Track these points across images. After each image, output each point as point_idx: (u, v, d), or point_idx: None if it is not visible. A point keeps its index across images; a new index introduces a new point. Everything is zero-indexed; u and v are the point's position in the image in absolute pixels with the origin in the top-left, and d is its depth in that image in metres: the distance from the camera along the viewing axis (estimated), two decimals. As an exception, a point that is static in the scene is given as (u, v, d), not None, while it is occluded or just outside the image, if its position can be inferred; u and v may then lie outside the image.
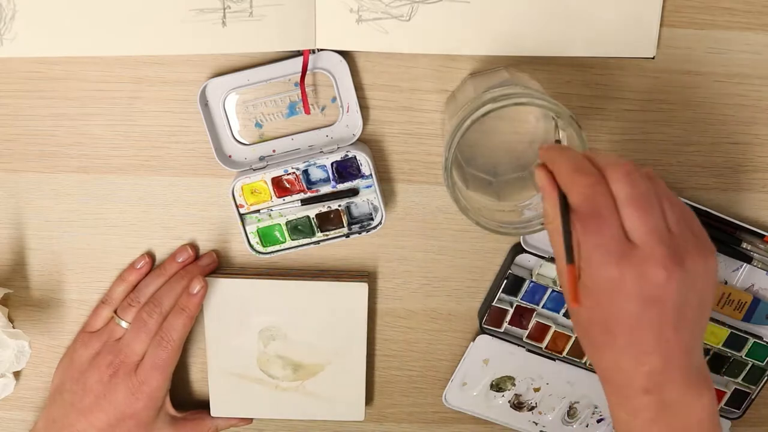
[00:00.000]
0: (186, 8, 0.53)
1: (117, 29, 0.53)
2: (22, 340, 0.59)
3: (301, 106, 0.57)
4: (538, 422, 0.67)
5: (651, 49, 0.54)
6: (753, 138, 0.58)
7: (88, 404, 0.58)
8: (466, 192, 0.51)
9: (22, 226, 0.61)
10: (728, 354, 0.63)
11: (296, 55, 0.54)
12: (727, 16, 0.54)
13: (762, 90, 0.57)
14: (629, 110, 0.57)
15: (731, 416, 0.66)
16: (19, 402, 0.66)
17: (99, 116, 0.57)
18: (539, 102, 0.44)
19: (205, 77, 0.56)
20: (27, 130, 0.58)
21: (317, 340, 0.62)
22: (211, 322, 0.62)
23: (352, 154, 0.56)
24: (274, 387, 0.64)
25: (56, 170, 0.59)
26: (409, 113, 0.57)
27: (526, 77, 0.52)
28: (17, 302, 0.63)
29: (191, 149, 0.58)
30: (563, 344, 0.63)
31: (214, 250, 0.62)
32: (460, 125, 0.45)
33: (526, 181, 0.54)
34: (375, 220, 0.59)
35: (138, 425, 0.59)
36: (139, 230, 0.61)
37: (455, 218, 0.61)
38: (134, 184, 0.60)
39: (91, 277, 0.62)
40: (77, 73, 0.56)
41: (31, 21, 0.53)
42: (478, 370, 0.64)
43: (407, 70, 0.56)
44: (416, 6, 0.53)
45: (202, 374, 0.66)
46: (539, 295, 0.61)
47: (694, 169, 0.59)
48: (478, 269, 0.62)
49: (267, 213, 0.59)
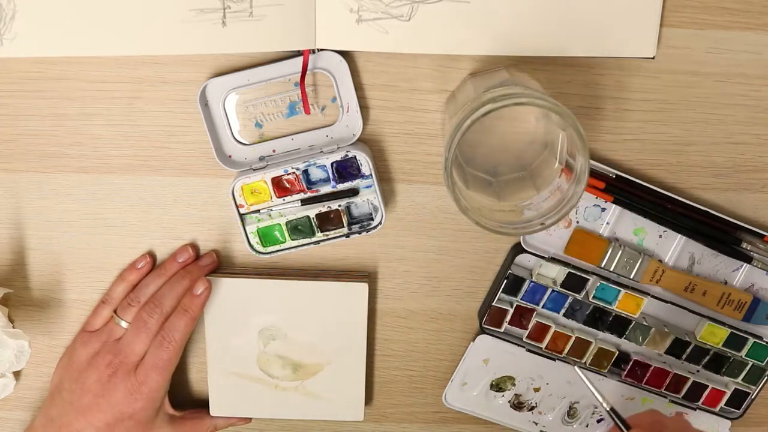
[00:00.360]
0: (186, 8, 0.53)
1: (117, 29, 0.53)
2: (22, 340, 0.59)
3: (301, 106, 0.56)
4: (538, 422, 0.67)
5: (651, 49, 0.54)
6: (753, 138, 0.58)
7: (86, 403, 0.58)
8: (466, 192, 0.51)
9: (22, 226, 0.61)
10: (728, 354, 0.63)
11: (296, 55, 0.54)
12: (727, 16, 0.54)
13: (762, 90, 0.57)
14: (629, 110, 0.57)
15: (731, 416, 0.66)
16: (19, 402, 0.66)
17: (99, 116, 0.57)
18: (539, 102, 0.44)
19: (205, 77, 0.56)
20: (27, 130, 0.58)
21: (317, 339, 0.62)
22: (211, 321, 0.62)
23: (352, 154, 0.56)
24: (274, 387, 0.64)
25: (56, 170, 0.59)
26: (409, 113, 0.57)
27: (526, 77, 0.52)
28: (17, 302, 0.63)
29: (191, 149, 0.58)
30: (563, 344, 0.63)
31: (214, 250, 0.62)
32: (460, 125, 0.45)
33: (526, 181, 0.54)
34: (375, 220, 0.59)
35: (137, 425, 0.59)
36: (139, 230, 0.61)
37: (455, 218, 0.61)
38: (134, 184, 0.60)
39: (91, 277, 0.62)
40: (77, 73, 0.56)
41: (31, 21, 0.53)
42: (478, 370, 0.64)
43: (407, 70, 0.56)
44: (416, 6, 0.53)
45: (201, 374, 0.66)
46: (539, 295, 0.61)
47: (694, 169, 0.59)
48: (478, 269, 0.62)
49: (267, 213, 0.59)
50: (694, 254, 0.61)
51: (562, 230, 0.60)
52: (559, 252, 0.60)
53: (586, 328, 0.63)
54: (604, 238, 0.60)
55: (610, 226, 0.59)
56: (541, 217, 0.49)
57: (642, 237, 0.60)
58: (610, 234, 0.60)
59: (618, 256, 0.59)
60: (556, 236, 0.60)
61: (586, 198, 0.58)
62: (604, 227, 0.60)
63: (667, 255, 0.60)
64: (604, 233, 0.60)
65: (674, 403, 0.65)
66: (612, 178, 0.58)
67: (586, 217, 0.59)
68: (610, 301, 0.61)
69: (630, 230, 0.60)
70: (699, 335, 0.63)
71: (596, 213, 0.59)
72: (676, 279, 0.60)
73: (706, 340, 0.63)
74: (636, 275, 0.60)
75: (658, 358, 0.64)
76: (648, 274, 0.60)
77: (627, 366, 0.64)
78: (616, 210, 0.59)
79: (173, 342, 0.58)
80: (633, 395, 0.65)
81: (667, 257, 0.60)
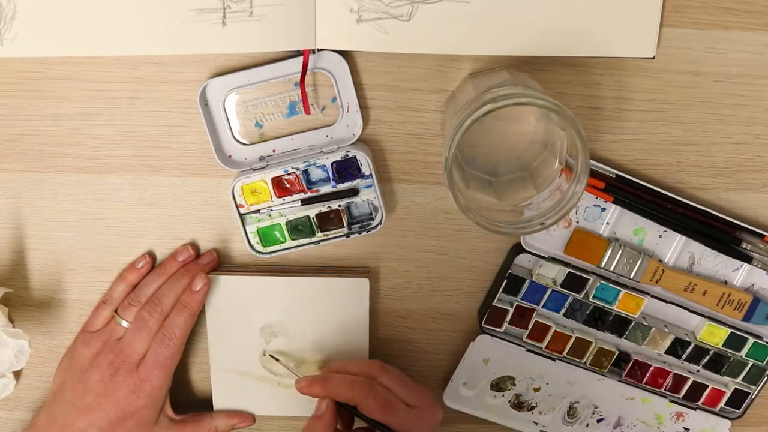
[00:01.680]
0: (186, 8, 0.53)
1: (117, 29, 0.53)
2: (22, 340, 0.59)
3: (301, 106, 0.57)
4: (538, 422, 0.67)
5: (651, 49, 0.54)
6: (753, 138, 0.58)
7: (89, 403, 0.58)
8: (466, 192, 0.51)
9: (22, 226, 0.61)
10: (728, 354, 0.63)
11: (296, 55, 0.54)
12: (727, 16, 0.54)
13: (762, 90, 0.57)
14: (629, 110, 0.57)
15: (731, 416, 0.66)
16: (19, 402, 0.66)
17: (99, 116, 0.57)
18: (539, 102, 0.44)
19: (205, 77, 0.56)
20: (27, 130, 0.58)
21: (319, 336, 0.62)
22: (212, 319, 0.62)
23: (352, 154, 0.56)
24: (277, 384, 0.64)
25: (56, 170, 0.59)
26: (409, 113, 0.57)
27: (526, 77, 0.52)
28: (17, 302, 0.63)
29: (191, 149, 0.58)
30: (563, 344, 0.63)
31: (214, 249, 0.62)
32: (460, 125, 0.45)
33: (526, 181, 0.54)
34: (375, 220, 0.59)
35: (138, 424, 0.59)
36: (139, 230, 0.61)
37: (455, 218, 0.61)
38: (134, 184, 0.60)
39: (91, 277, 0.63)
40: (77, 73, 0.56)
41: (31, 21, 0.53)
42: (478, 370, 0.64)
43: (407, 70, 0.56)
44: (416, 6, 0.53)
45: (202, 374, 0.66)
46: (539, 295, 0.61)
47: (694, 169, 0.59)
48: (478, 269, 0.62)
49: (267, 213, 0.59)
50: (694, 254, 0.61)
51: (562, 230, 0.60)
52: (559, 252, 0.60)
53: (586, 328, 0.63)
54: (604, 238, 0.60)
55: (610, 226, 0.59)
56: (541, 217, 0.49)
57: (642, 237, 0.60)
58: (610, 234, 0.60)
59: (618, 256, 0.59)
60: (556, 236, 0.60)
61: (586, 198, 0.58)
62: (604, 227, 0.60)
63: (667, 255, 0.60)
64: (604, 233, 0.60)
65: (674, 403, 0.65)
66: (612, 178, 0.58)
67: (586, 217, 0.59)
68: (610, 301, 0.61)
69: (630, 230, 0.60)
70: (699, 335, 0.63)
71: (596, 213, 0.59)
72: (676, 279, 0.60)
73: (706, 340, 0.63)
74: (636, 275, 0.60)
75: (658, 358, 0.64)
76: (648, 274, 0.60)
77: (627, 366, 0.64)
78: (616, 210, 0.59)
79: (174, 339, 0.58)
80: (633, 395, 0.65)
81: (667, 257, 0.60)
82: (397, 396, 0.55)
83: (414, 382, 0.58)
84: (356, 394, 0.54)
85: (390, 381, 0.56)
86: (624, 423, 0.67)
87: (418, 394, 0.56)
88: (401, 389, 0.56)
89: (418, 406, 0.56)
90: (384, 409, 0.54)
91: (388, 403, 0.54)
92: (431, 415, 0.57)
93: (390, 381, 0.56)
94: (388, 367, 0.57)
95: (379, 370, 0.56)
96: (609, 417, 0.66)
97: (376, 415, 0.53)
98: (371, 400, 0.53)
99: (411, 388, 0.57)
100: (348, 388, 0.54)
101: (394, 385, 0.56)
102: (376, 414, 0.53)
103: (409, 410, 0.55)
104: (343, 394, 0.54)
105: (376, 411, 0.53)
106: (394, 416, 0.54)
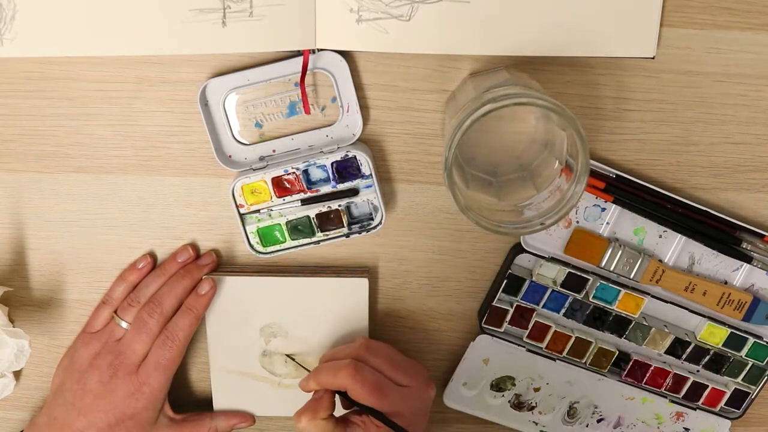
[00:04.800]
0: (186, 8, 0.53)
1: (117, 29, 0.53)
2: (22, 340, 0.59)
3: (301, 106, 0.57)
4: (538, 422, 0.67)
5: (651, 49, 0.54)
6: (753, 138, 0.58)
7: (88, 404, 0.58)
8: (466, 192, 0.51)
9: (22, 226, 0.61)
10: (728, 354, 0.63)
11: (296, 55, 0.54)
12: (727, 16, 0.54)
13: (762, 90, 0.57)
14: (629, 110, 0.57)
15: (731, 416, 0.66)
16: (19, 402, 0.66)
17: (99, 116, 0.57)
18: (539, 102, 0.44)
19: (205, 77, 0.56)
20: (27, 130, 0.58)
21: (319, 336, 0.62)
22: (212, 319, 0.62)
23: (352, 154, 0.56)
24: (277, 384, 0.64)
25: (56, 170, 0.59)
26: (409, 113, 0.57)
27: (526, 77, 0.52)
28: (17, 302, 0.63)
29: (191, 149, 0.58)
30: (563, 344, 0.63)
31: (214, 249, 0.62)
32: (460, 125, 0.45)
33: (526, 181, 0.54)
34: (375, 220, 0.59)
35: (137, 425, 0.59)
36: (139, 230, 0.61)
37: (455, 218, 0.61)
38: (134, 184, 0.60)
39: (91, 277, 0.62)
40: (77, 73, 0.56)
41: (31, 21, 0.53)
42: (478, 370, 0.64)
43: (407, 70, 0.56)
44: (416, 6, 0.53)
45: (202, 374, 0.66)
46: (539, 295, 0.61)
47: (694, 169, 0.59)
48: (478, 269, 0.62)
49: (267, 213, 0.59)
50: (694, 254, 0.61)
51: (562, 230, 0.60)
52: (558, 252, 0.60)
53: (586, 328, 0.63)
54: (604, 238, 0.60)
55: (610, 226, 0.59)
56: (541, 217, 0.49)
57: (642, 237, 0.60)
58: (610, 234, 0.60)
59: (618, 256, 0.59)
60: (556, 236, 0.60)
61: (586, 198, 0.58)
62: (604, 227, 0.60)
63: (667, 255, 0.60)
64: (604, 233, 0.60)
65: (674, 403, 0.65)
66: (612, 178, 0.58)
67: (586, 217, 0.59)
68: (610, 301, 0.61)
69: (630, 230, 0.60)
70: (699, 335, 0.63)
71: (596, 213, 0.59)
72: (676, 279, 0.60)
73: (706, 340, 0.63)
74: (636, 275, 0.60)
75: (658, 358, 0.64)
76: (648, 274, 0.60)
77: (627, 366, 0.64)
78: (616, 210, 0.59)
79: (177, 341, 0.58)
80: (633, 395, 0.65)
81: (667, 257, 0.60)
82: (387, 376, 0.55)
83: (406, 358, 0.58)
84: (343, 380, 0.54)
85: (379, 362, 0.56)
86: (624, 423, 0.67)
87: (409, 372, 0.56)
88: (391, 369, 0.56)
89: (410, 385, 0.56)
90: (373, 392, 0.53)
91: (376, 386, 0.54)
92: (423, 392, 0.57)
93: (379, 362, 0.56)
94: (375, 346, 0.57)
95: (365, 352, 0.56)
96: (609, 417, 0.66)
97: (366, 399, 0.53)
98: (359, 385, 0.53)
99: (402, 366, 0.57)
100: (334, 376, 0.54)
101: (384, 365, 0.56)
102: (365, 398, 0.53)
103: (400, 390, 0.55)
104: (332, 383, 0.55)
105: (365, 395, 0.53)
106: (384, 399, 0.54)
